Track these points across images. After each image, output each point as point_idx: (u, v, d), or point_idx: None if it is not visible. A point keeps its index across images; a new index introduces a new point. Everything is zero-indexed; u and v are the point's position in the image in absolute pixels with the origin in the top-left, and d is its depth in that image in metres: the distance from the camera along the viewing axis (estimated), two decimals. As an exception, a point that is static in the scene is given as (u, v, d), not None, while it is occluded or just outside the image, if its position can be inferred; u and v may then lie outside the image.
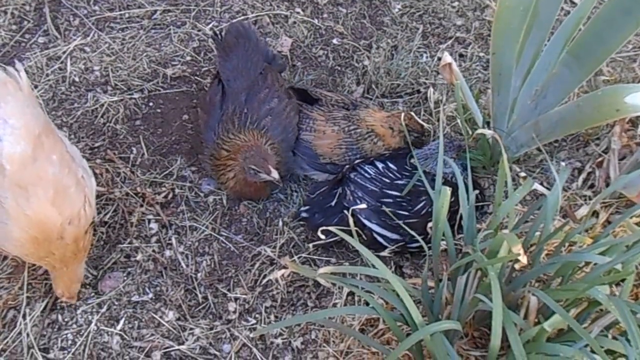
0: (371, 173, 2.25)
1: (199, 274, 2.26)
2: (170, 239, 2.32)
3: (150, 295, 2.21)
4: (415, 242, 2.01)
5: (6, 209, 1.80)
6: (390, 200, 2.18)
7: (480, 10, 3.02)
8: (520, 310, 1.74)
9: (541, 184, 2.31)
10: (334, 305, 2.16)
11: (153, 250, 2.29)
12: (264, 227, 2.38)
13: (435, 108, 2.60)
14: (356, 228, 1.85)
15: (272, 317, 2.16)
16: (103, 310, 2.16)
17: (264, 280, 2.23)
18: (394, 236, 2.18)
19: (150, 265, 2.26)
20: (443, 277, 1.76)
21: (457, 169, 1.91)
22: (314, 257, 2.30)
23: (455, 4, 3.03)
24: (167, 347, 2.09)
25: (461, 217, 1.86)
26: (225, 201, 2.43)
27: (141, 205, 2.38)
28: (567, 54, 2.15)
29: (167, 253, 2.30)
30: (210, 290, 2.23)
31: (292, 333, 2.13)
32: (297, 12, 2.97)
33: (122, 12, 2.93)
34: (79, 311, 2.15)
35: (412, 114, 2.43)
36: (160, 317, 2.15)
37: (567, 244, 1.88)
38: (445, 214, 1.77)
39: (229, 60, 2.43)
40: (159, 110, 2.66)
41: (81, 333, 2.11)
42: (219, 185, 2.42)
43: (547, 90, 2.24)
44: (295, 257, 2.28)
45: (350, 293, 2.18)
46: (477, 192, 1.92)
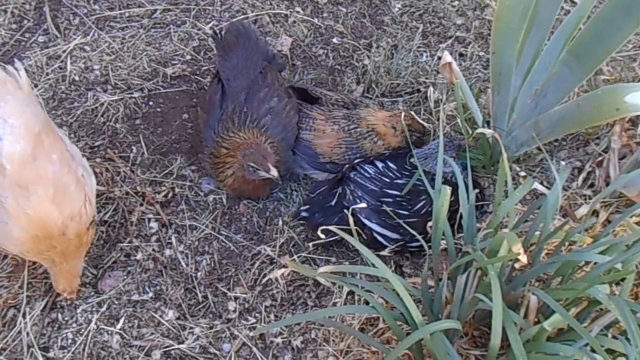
0: (371, 172, 2.25)
1: (198, 273, 2.26)
2: (170, 238, 2.32)
3: (150, 294, 2.21)
4: (415, 241, 2.01)
5: (6, 209, 1.80)
6: (390, 199, 2.18)
7: (480, 10, 3.01)
8: (520, 310, 1.74)
9: (541, 183, 2.31)
10: (334, 305, 2.16)
11: (153, 250, 2.29)
12: (264, 226, 2.38)
13: (435, 107, 2.60)
14: (356, 227, 1.85)
15: (272, 316, 2.16)
16: (103, 309, 2.16)
17: (264, 280, 2.23)
18: (394, 235, 2.18)
19: (150, 264, 2.26)
20: (443, 277, 1.76)
21: (457, 168, 1.91)
22: (314, 256, 2.30)
23: (455, 3, 3.03)
24: (167, 346, 2.09)
25: (461, 217, 1.86)
26: (225, 200, 2.43)
27: (141, 205, 2.38)
28: (567, 53, 2.15)
29: (167, 252, 2.30)
30: (210, 289, 2.23)
31: (292, 332, 2.13)
32: (297, 12, 2.97)
33: (122, 11, 2.93)
34: (78, 310, 2.15)
35: (413, 114, 2.43)
36: (160, 316, 2.15)
37: (567, 243, 1.88)
38: (445, 213, 1.77)
39: (229, 59, 2.42)
40: (158, 110, 2.66)
41: (81, 332, 2.11)
42: (218, 183, 2.42)
43: (547, 90, 2.24)
44: (295, 257, 2.28)
45: (350, 292, 2.18)
46: (477, 191, 1.92)
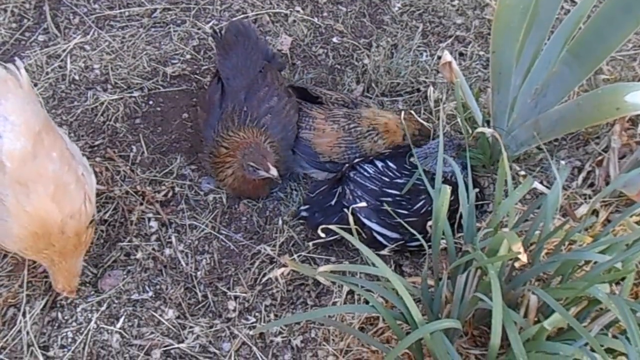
0: (371, 172, 2.25)
1: (198, 273, 2.26)
2: (170, 238, 2.32)
3: (150, 293, 2.21)
4: (415, 240, 2.00)
5: (6, 206, 1.80)
6: (389, 199, 2.18)
7: (480, 9, 3.01)
8: (520, 309, 1.74)
9: (541, 182, 2.32)
10: (334, 304, 2.16)
11: (153, 249, 2.29)
12: (264, 225, 2.38)
13: (435, 107, 2.60)
14: (356, 227, 1.85)
15: (271, 315, 2.16)
16: (103, 308, 2.16)
17: (264, 279, 2.23)
18: (394, 235, 2.18)
19: (150, 263, 2.26)
20: (443, 276, 1.75)
21: (457, 168, 1.91)
22: (314, 255, 2.30)
23: (455, 2, 3.03)
24: (167, 346, 2.09)
25: (461, 216, 1.86)
26: (225, 200, 2.43)
27: (141, 204, 2.38)
28: (567, 52, 2.15)
29: (167, 251, 2.30)
30: (210, 288, 2.23)
31: (292, 331, 2.13)
32: (297, 11, 2.97)
33: (122, 10, 2.93)
34: (78, 309, 2.15)
35: (422, 121, 2.45)
36: (160, 315, 2.15)
37: (567, 242, 1.88)
38: (445, 212, 1.77)
39: (229, 58, 2.42)
40: (158, 109, 2.66)
41: (81, 331, 2.11)
42: (218, 183, 2.42)
43: (547, 89, 2.24)
44: (295, 256, 2.28)
45: (350, 291, 2.18)
46: (476, 190, 1.92)
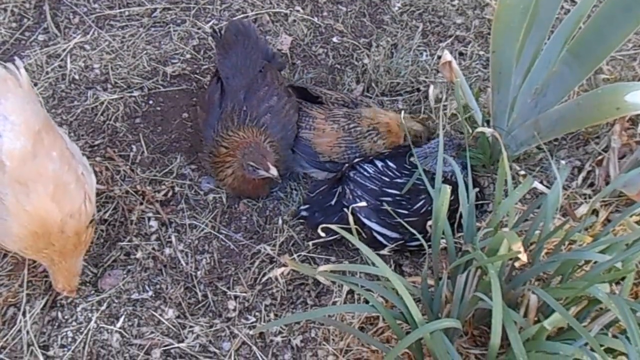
0: (370, 172, 2.25)
1: (198, 272, 2.26)
2: (170, 237, 2.32)
3: (150, 293, 2.21)
4: (415, 240, 2.00)
5: (6, 205, 1.80)
6: (389, 198, 2.18)
7: (480, 9, 3.01)
8: (520, 309, 1.74)
9: (541, 182, 2.32)
10: (334, 304, 2.16)
11: (153, 248, 2.29)
12: (264, 225, 2.38)
13: (435, 106, 2.60)
14: (356, 226, 1.85)
15: (271, 315, 2.16)
16: (103, 307, 2.16)
17: (264, 279, 2.23)
18: (394, 235, 2.18)
19: (150, 263, 2.26)
20: (443, 276, 1.75)
21: (456, 168, 1.91)
22: (314, 255, 2.30)
23: (455, 2, 3.03)
24: (167, 345, 2.09)
25: (461, 216, 1.86)
26: (225, 199, 2.43)
27: (141, 203, 2.38)
28: (567, 52, 2.15)
29: (167, 251, 2.30)
30: (210, 288, 2.22)
31: (292, 331, 2.13)
32: (297, 11, 2.97)
33: (122, 10, 2.93)
34: (78, 309, 2.15)
35: (424, 122, 2.45)
36: (160, 315, 2.15)
37: (567, 242, 1.88)
38: (445, 212, 1.77)
39: (229, 58, 2.42)
40: (158, 108, 2.65)
41: (81, 330, 2.11)
42: (218, 182, 2.42)
43: (547, 89, 2.24)
44: (294, 256, 2.28)
45: (350, 291, 2.18)
46: (476, 190, 1.92)
